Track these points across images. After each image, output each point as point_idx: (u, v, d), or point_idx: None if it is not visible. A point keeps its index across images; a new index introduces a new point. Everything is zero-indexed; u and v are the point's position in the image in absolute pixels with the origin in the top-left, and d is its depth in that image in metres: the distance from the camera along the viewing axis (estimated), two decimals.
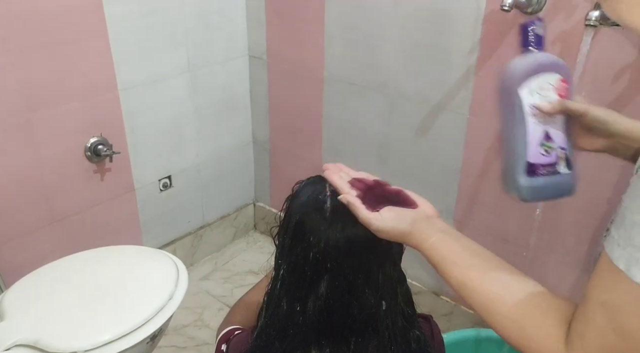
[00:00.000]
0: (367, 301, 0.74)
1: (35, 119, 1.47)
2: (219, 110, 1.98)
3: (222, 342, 0.89)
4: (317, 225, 0.73)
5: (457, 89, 1.50)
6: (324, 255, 0.72)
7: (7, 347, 1.09)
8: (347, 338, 0.75)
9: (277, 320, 0.77)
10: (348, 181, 0.77)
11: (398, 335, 0.76)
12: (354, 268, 0.73)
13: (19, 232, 1.54)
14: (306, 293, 0.74)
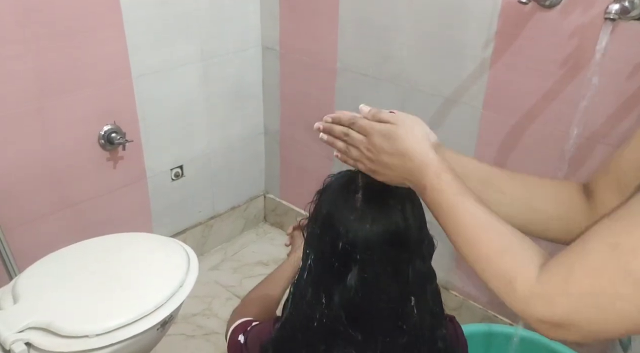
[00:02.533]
0: (394, 296, 0.73)
1: (48, 105, 1.48)
2: (230, 100, 1.98)
3: (239, 333, 0.88)
4: (347, 216, 0.72)
5: (471, 82, 1.49)
6: (352, 247, 0.71)
7: (20, 330, 1.10)
8: (375, 336, 0.74)
9: (301, 311, 0.77)
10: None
11: (426, 333, 0.75)
12: (383, 262, 0.72)
13: (31, 217, 1.55)
14: (333, 284, 0.73)
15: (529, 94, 1.39)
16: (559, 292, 0.49)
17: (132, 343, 1.18)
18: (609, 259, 0.47)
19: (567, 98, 1.32)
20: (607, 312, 0.47)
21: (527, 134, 1.43)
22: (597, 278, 0.47)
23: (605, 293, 0.47)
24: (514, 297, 0.52)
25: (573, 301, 0.48)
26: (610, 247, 0.48)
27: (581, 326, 0.49)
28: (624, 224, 0.48)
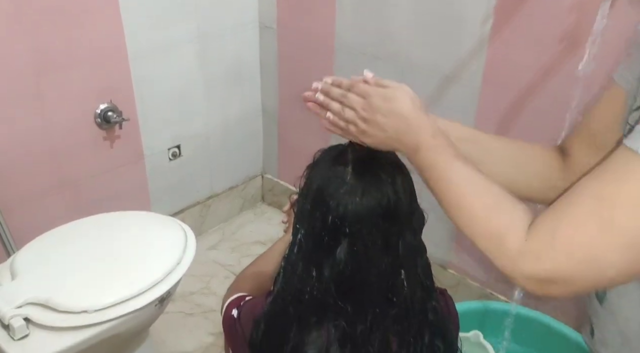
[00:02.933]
0: (385, 269, 0.74)
1: (45, 84, 1.47)
2: (228, 79, 1.97)
3: (232, 307, 0.89)
4: (338, 190, 0.72)
5: (470, 58, 1.48)
6: (342, 220, 0.71)
7: (18, 305, 1.11)
8: (365, 308, 0.74)
9: (292, 285, 0.77)
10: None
11: (416, 305, 0.76)
12: (373, 235, 0.72)
13: (29, 195, 1.55)
14: (323, 258, 0.73)
15: (527, 69, 1.39)
16: (546, 247, 0.50)
17: (131, 319, 1.18)
18: (594, 212, 0.48)
19: (566, 73, 1.32)
20: (593, 263, 0.48)
21: (525, 110, 1.43)
22: (583, 232, 0.48)
23: (591, 245, 0.48)
24: (504, 255, 0.53)
25: (560, 255, 0.49)
26: (595, 201, 0.49)
27: (569, 279, 0.49)
28: (607, 178, 0.49)
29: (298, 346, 0.74)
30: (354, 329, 0.74)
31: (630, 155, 0.48)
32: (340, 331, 0.74)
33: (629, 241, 0.47)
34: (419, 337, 0.76)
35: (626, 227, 0.47)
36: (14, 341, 1.08)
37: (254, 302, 0.88)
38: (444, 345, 0.78)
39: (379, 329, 0.74)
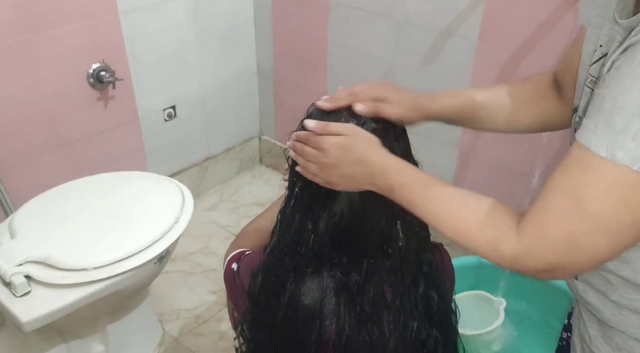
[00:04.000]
0: (380, 220, 0.74)
1: (34, 40, 1.45)
2: (222, 37, 1.94)
3: (232, 262, 0.90)
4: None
5: (467, 12, 1.45)
6: None
7: (18, 263, 1.13)
8: (360, 259, 0.75)
9: (289, 237, 0.78)
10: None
11: (411, 257, 0.77)
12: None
13: (25, 156, 1.55)
14: (319, 211, 0.74)
15: (525, 24, 1.36)
16: (537, 244, 0.55)
17: (130, 276, 1.20)
18: (568, 205, 0.53)
19: (564, 27, 1.29)
20: (579, 249, 0.53)
21: (522, 65, 1.41)
22: (565, 224, 0.53)
23: (573, 233, 0.53)
24: (503, 260, 0.58)
25: (551, 248, 0.55)
26: (565, 194, 0.54)
27: (564, 266, 0.55)
28: (570, 172, 0.54)
29: (294, 296, 0.75)
30: (349, 279, 0.75)
31: (583, 150, 0.52)
32: (335, 281, 0.76)
33: (606, 224, 0.52)
34: (413, 288, 0.77)
35: (599, 211, 0.52)
36: (16, 298, 1.11)
37: (252, 255, 0.89)
38: (438, 297, 0.79)
39: (374, 279, 0.76)
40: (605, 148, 0.50)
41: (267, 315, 0.78)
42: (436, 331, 0.78)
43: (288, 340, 0.78)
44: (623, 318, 0.64)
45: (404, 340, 0.76)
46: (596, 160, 0.51)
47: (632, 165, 0.49)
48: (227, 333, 1.59)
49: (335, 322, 0.74)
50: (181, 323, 1.64)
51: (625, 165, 0.49)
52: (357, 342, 0.74)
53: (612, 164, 0.50)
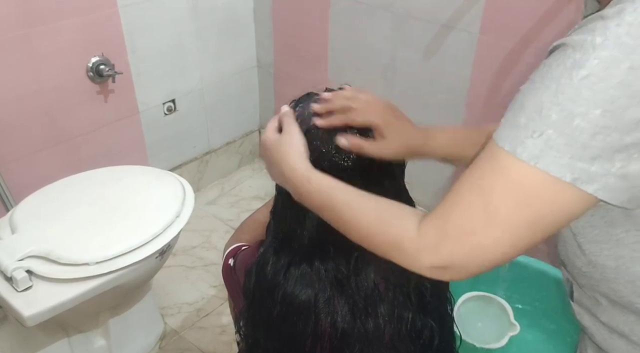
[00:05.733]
0: None
1: (33, 34, 1.44)
2: (221, 31, 1.93)
3: (230, 257, 0.91)
4: (311, 142, 0.72)
5: (468, 5, 1.44)
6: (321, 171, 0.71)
7: (20, 258, 1.13)
8: (350, 251, 0.75)
9: (281, 235, 0.79)
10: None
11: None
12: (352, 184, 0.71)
13: (25, 150, 1.55)
14: (305, 209, 0.73)
15: (527, 16, 1.35)
16: (439, 237, 0.54)
17: (132, 271, 1.21)
18: (475, 200, 0.52)
19: (565, 20, 1.29)
20: (483, 249, 0.53)
21: (523, 58, 1.40)
22: (468, 218, 0.52)
23: (475, 230, 0.52)
24: (406, 258, 0.57)
25: (453, 243, 0.53)
26: (474, 189, 0.53)
27: (462, 262, 0.54)
28: (483, 169, 0.53)
29: (288, 292, 0.76)
30: (340, 273, 0.76)
31: (492, 144, 0.52)
32: (328, 275, 0.76)
33: (509, 228, 0.51)
34: (405, 279, 0.78)
35: (505, 216, 0.51)
36: (17, 292, 1.11)
37: (247, 251, 0.90)
38: (431, 285, 0.80)
39: (365, 272, 0.76)
40: (508, 142, 0.50)
41: (263, 311, 0.79)
42: (431, 320, 0.79)
43: (284, 335, 0.78)
44: (612, 342, 0.63)
45: (399, 331, 0.77)
46: (501, 154, 0.51)
47: (529, 161, 0.48)
48: (228, 327, 1.59)
49: (330, 316, 0.74)
50: (183, 317, 1.64)
51: (523, 161, 0.49)
52: (352, 334, 0.75)
53: (514, 159, 0.49)
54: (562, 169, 0.48)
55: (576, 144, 0.47)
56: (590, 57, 0.46)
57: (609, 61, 0.45)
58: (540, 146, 0.48)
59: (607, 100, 0.45)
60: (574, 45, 0.48)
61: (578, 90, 0.46)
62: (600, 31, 0.46)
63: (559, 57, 0.49)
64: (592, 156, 0.47)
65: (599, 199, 0.48)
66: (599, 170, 0.47)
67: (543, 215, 0.51)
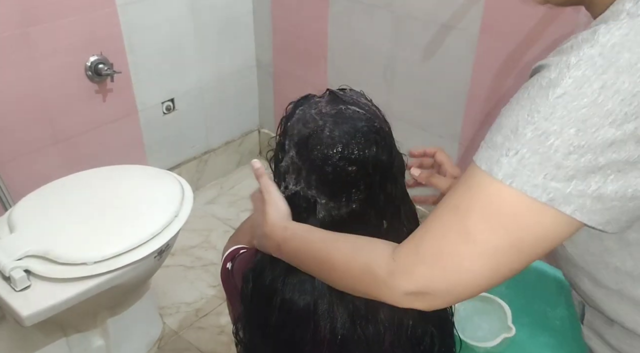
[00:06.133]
0: (369, 221, 0.73)
1: (31, 33, 1.44)
2: (220, 29, 1.92)
3: (228, 260, 0.90)
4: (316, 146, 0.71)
5: (468, 5, 1.44)
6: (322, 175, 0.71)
7: (18, 257, 1.12)
8: None
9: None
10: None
11: None
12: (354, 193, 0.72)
13: (23, 150, 1.54)
14: (307, 216, 0.73)
15: (527, 17, 1.35)
16: (413, 260, 0.52)
17: (130, 270, 1.20)
18: (451, 222, 0.51)
19: (566, 20, 1.28)
20: (459, 274, 0.50)
21: (524, 59, 1.40)
22: (446, 243, 0.51)
23: (455, 255, 0.50)
24: (379, 284, 0.55)
25: (427, 266, 0.51)
26: (451, 211, 0.52)
27: (438, 289, 0.52)
28: (461, 191, 0.52)
29: (287, 298, 0.75)
30: None
31: (475, 168, 0.51)
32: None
33: (487, 251, 0.49)
34: None
35: (482, 238, 0.49)
36: (15, 292, 1.10)
37: (245, 255, 0.89)
38: None
39: None
40: (485, 162, 0.49)
41: (261, 317, 0.78)
42: (432, 327, 0.78)
43: (283, 342, 0.77)
44: None
45: (399, 337, 0.76)
46: (478, 175, 0.50)
47: (505, 180, 0.48)
48: (227, 327, 1.59)
49: (330, 322, 0.73)
50: (181, 317, 1.64)
51: (499, 180, 0.48)
52: (352, 340, 0.74)
53: (490, 179, 0.49)
54: (537, 188, 0.47)
55: (550, 163, 0.46)
56: (565, 77, 0.46)
57: (582, 81, 0.45)
58: (515, 165, 0.47)
59: (579, 119, 0.45)
60: (549, 66, 0.48)
61: (553, 108, 0.46)
62: (575, 52, 0.46)
63: (535, 78, 0.49)
64: (566, 176, 0.46)
65: (579, 221, 0.47)
66: (573, 191, 0.46)
67: (522, 237, 0.49)
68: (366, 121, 0.71)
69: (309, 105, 0.74)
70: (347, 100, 0.73)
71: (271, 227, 0.70)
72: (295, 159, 0.72)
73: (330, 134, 0.70)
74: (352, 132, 0.70)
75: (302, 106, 0.76)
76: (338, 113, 0.71)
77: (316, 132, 0.70)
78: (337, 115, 0.71)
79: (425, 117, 1.67)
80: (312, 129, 0.71)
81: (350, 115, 0.71)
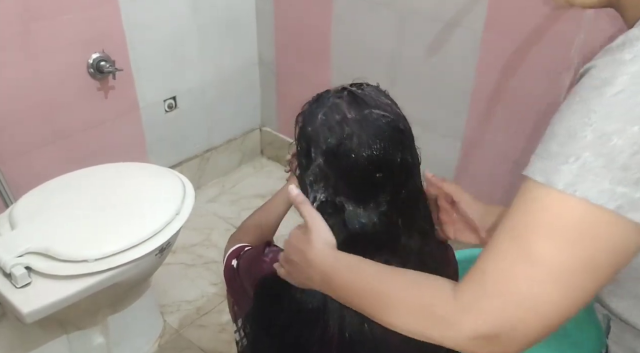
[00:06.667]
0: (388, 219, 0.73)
1: (33, 30, 1.43)
2: (222, 27, 1.92)
3: (232, 258, 0.90)
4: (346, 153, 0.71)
5: (472, 3, 1.43)
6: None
7: (19, 254, 1.12)
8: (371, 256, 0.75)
9: None
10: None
11: (412, 253, 0.75)
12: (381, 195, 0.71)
13: (25, 147, 1.54)
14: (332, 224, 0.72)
15: (531, 14, 1.34)
16: (478, 296, 0.48)
17: (131, 268, 1.20)
18: (511, 247, 0.47)
19: (571, 18, 1.28)
20: (531, 302, 0.46)
21: (528, 57, 1.39)
22: (510, 272, 0.47)
23: (522, 284, 0.46)
24: (440, 325, 0.50)
25: (496, 302, 0.47)
26: (509, 235, 0.48)
27: (513, 328, 0.46)
28: (516, 213, 0.48)
29: (297, 298, 0.74)
30: None
31: (530, 183, 0.47)
32: None
33: (555, 271, 0.45)
34: None
35: (545, 254, 0.45)
36: (16, 289, 1.10)
37: (251, 252, 0.88)
38: None
39: None
40: (541, 174, 0.46)
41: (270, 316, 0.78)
42: None
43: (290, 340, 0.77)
44: None
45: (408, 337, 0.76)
46: (535, 189, 0.46)
47: (566, 189, 0.44)
48: (228, 325, 1.58)
49: (339, 321, 0.73)
50: (182, 315, 1.63)
51: (560, 191, 0.44)
52: (360, 340, 0.73)
53: (549, 191, 0.45)
54: (603, 195, 0.43)
55: (615, 165, 0.43)
56: (621, 74, 0.44)
57: (639, 76, 0.43)
58: (576, 171, 0.44)
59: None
60: (598, 66, 0.46)
61: (611, 107, 0.44)
62: (628, 49, 0.45)
63: (584, 81, 0.47)
64: (634, 180, 0.43)
65: None
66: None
67: (593, 253, 0.45)
68: (392, 124, 0.72)
69: (330, 109, 0.73)
70: (370, 103, 0.72)
71: (319, 257, 0.65)
72: (323, 167, 0.72)
73: (359, 141, 0.69)
74: (379, 138, 0.70)
75: (320, 108, 0.74)
76: (363, 119, 0.71)
77: (345, 141, 0.70)
78: (362, 121, 0.71)
79: (429, 116, 1.66)
80: (340, 137, 0.70)
81: (375, 120, 0.71)
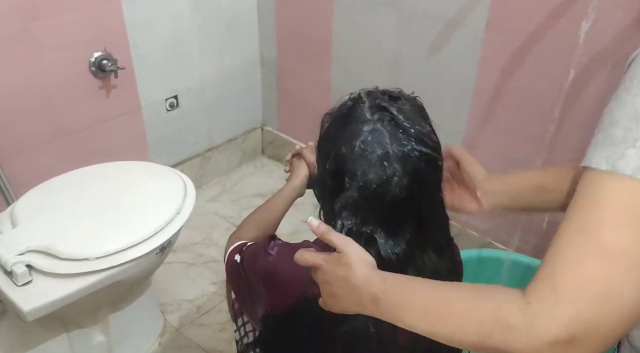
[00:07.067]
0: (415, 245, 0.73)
1: (35, 28, 1.43)
2: (224, 27, 1.92)
3: (235, 253, 0.90)
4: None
5: (474, 2, 1.43)
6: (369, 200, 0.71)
7: (20, 252, 1.12)
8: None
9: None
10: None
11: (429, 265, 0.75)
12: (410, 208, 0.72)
13: (26, 145, 1.54)
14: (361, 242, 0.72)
15: (533, 14, 1.34)
16: (552, 300, 0.44)
17: (132, 266, 1.20)
18: (582, 243, 0.45)
19: (574, 17, 1.27)
20: (608, 298, 0.43)
21: (531, 56, 1.39)
22: (582, 269, 0.44)
23: (596, 280, 0.43)
24: (514, 334, 0.46)
25: (570, 303, 0.44)
26: (577, 232, 0.45)
27: (591, 327, 0.43)
28: (581, 205, 0.46)
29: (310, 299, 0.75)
30: None
31: (592, 173, 0.46)
32: None
33: (633, 262, 0.43)
34: None
35: (622, 248, 0.43)
36: (17, 287, 1.10)
37: (254, 247, 0.89)
38: None
39: None
40: (605, 161, 0.44)
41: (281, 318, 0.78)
42: None
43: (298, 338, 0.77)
44: None
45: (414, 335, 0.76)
46: (600, 178, 0.44)
47: (636, 174, 0.42)
48: (228, 324, 1.58)
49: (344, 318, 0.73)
50: (182, 314, 1.63)
51: (628, 176, 0.43)
52: (365, 337, 0.73)
53: (616, 177, 0.43)
54: None
55: None
56: None
57: None
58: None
59: None
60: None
61: None
62: None
63: (636, 66, 0.45)
64: None
65: None
66: None
67: None
68: (432, 164, 0.72)
69: (370, 135, 0.70)
70: (410, 133, 0.70)
71: (366, 280, 0.61)
72: (356, 199, 0.71)
73: (400, 184, 0.69)
74: (418, 181, 0.70)
75: (355, 124, 0.72)
76: (405, 157, 0.69)
77: (384, 183, 0.69)
78: (404, 159, 0.69)
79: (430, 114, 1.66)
80: (380, 178, 0.69)
81: (417, 161, 0.70)
